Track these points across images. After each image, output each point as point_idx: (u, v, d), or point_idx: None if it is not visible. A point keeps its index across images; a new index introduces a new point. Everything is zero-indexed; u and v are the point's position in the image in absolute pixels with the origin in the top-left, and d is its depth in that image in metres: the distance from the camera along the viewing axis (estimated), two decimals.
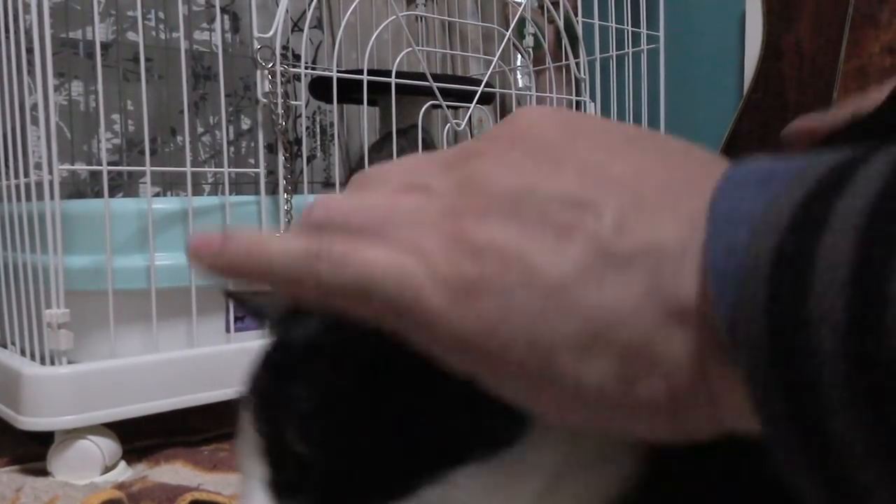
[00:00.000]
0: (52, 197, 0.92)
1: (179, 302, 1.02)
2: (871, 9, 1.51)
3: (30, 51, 0.92)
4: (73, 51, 1.55)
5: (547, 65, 1.49)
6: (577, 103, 1.54)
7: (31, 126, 0.95)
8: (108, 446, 0.93)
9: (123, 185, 1.63)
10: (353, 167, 1.92)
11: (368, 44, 1.26)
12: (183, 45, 1.04)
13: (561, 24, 1.48)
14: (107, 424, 0.94)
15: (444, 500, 0.25)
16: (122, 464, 0.96)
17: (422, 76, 1.30)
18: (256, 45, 1.06)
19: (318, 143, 1.93)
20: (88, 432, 0.92)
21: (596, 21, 1.54)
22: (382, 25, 1.32)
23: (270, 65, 1.06)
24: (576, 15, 1.51)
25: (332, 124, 1.92)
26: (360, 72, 1.22)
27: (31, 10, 0.90)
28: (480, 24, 1.81)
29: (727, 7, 1.86)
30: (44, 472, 0.91)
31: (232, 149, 1.76)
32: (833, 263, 0.18)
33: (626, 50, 1.60)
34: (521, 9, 1.43)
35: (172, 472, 0.91)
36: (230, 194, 1.07)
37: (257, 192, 1.11)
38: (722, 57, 1.85)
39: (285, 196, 1.10)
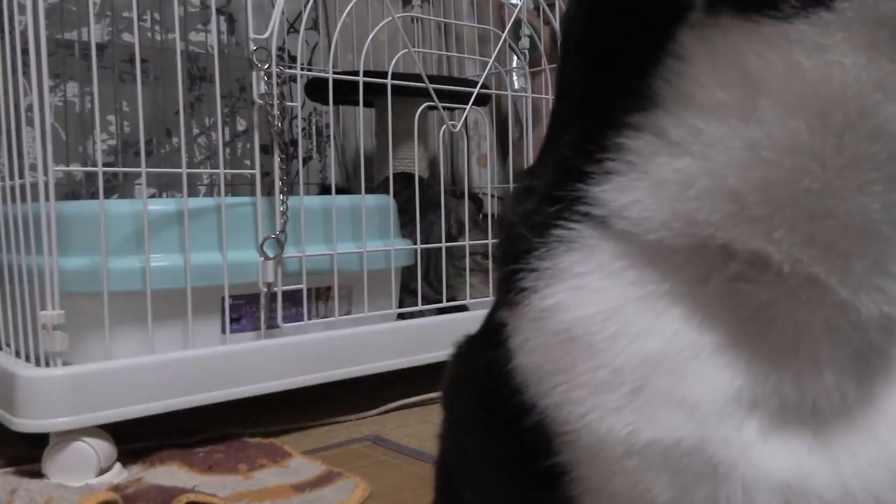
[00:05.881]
0: (47, 198, 0.91)
1: (175, 303, 1.02)
2: None
3: (25, 52, 0.92)
4: (69, 52, 1.55)
5: (543, 66, 1.49)
6: None
7: (26, 127, 0.95)
8: (103, 448, 0.93)
9: (119, 187, 1.63)
10: (348, 169, 1.92)
11: (364, 45, 1.26)
12: (179, 46, 1.04)
13: (557, 25, 1.48)
14: (102, 426, 0.94)
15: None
16: (118, 465, 0.96)
17: (418, 77, 1.30)
18: (252, 47, 1.06)
19: (314, 144, 1.93)
20: (83, 434, 0.92)
21: None
22: (378, 27, 1.32)
23: (266, 66, 1.06)
24: None
25: (327, 126, 1.92)
26: (356, 73, 1.22)
27: (26, 11, 0.89)
28: (476, 25, 1.81)
29: None
30: (39, 474, 0.91)
31: (228, 150, 1.76)
32: None
33: None
34: (516, 10, 1.43)
35: (168, 473, 0.91)
36: (226, 196, 1.07)
37: (253, 194, 1.11)
38: None
39: (281, 197, 1.10)
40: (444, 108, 1.35)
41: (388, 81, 1.26)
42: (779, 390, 0.30)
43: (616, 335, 0.30)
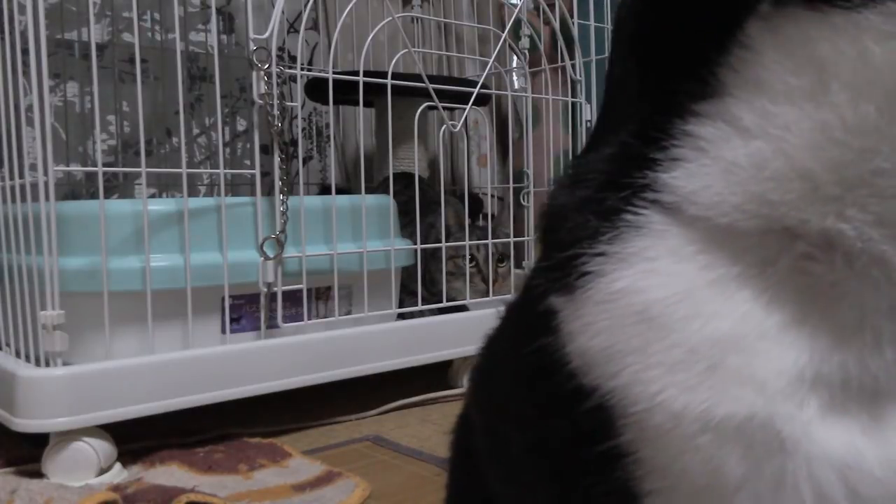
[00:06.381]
0: (47, 198, 0.92)
1: (175, 303, 1.02)
2: None
3: (25, 52, 0.92)
4: (69, 52, 1.55)
5: (543, 66, 1.49)
6: (573, 105, 1.55)
7: (26, 127, 0.95)
8: (103, 448, 0.93)
9: (119, 187, 1.63)
10: (348, 169, 1.92)
11: (364, 45, 1.26)
12: (178, 46, 1.04)
13: (557, 25, 1.48)
14: (102, 426, 0.94)
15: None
16: (118, 465, 0.96)
17: (418, 77, 1.30)
18: (252, 47, 1.06)
19: (314, 144, 1.93)
20: (83, 434, 0.92)
21: (591, 23, 1.54)
22: (378, 27, 1.32)
23: (266, 66, 1.06)
24: (571, 17, 1.52)
25: (327, 125, 1.92)
26: (356, 73, 1.22)
27: (26, 11, 0.89)
28: (476, 25, 1.81)
29: None
30: (38, 474, 0.91)
31: (227, 150, 1.76)
32: None
33: None
34: (516, 10, 1.43)
35: (168, 473, 0.91)
36: (226, 196, 1.07)
37: (253, 194, 1.11)
38: None
39: (281, 197, 1.10)
40: (444, 108, 1.35)
41: (388, 81, 1.26)
42: (843, 368, 0.32)
43: (690, 316, 0.32)
